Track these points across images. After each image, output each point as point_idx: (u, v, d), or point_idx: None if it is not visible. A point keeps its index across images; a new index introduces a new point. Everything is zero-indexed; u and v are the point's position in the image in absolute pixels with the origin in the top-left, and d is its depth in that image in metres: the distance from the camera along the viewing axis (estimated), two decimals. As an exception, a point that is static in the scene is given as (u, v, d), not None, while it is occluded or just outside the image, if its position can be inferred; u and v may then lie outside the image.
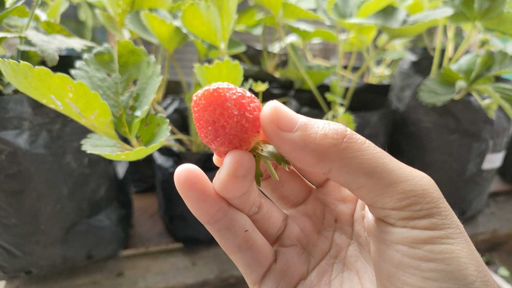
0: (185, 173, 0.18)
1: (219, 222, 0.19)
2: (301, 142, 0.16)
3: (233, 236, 0.20)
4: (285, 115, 0.17)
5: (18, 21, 0.48)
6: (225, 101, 0.16)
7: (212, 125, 0.16)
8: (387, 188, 0.16)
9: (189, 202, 0.19)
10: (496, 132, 0.60)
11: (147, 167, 0.67)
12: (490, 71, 0.54)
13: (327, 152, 0.16)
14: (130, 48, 0.39)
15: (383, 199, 0.17)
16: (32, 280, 0.48)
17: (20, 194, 0.41)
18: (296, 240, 0.23)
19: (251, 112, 0.17)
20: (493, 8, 0.53)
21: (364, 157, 0.16)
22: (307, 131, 0.17)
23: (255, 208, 0.22)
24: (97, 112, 0.34)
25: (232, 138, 0.17)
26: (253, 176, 0.17)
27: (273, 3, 0.53)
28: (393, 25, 0.54)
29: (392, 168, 0.17)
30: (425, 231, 0.16)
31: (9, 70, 0.30)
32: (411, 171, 0.17)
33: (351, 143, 0.17)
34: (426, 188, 0.17)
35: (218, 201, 0.19)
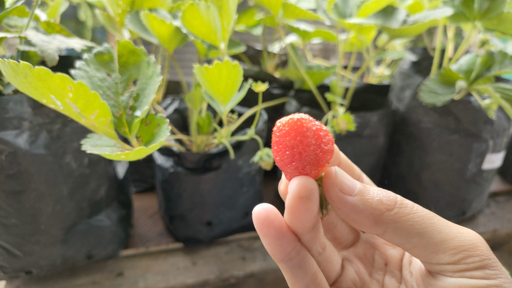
0: (264, 212, 0.20)
1: (293, 260, 0.21)
2: (360, 206, 0.19)
3: (304, 275, 0.21)
4: (346, 180, 0.19)
5: (18, 21, 0.48)
6: (306, 130, 0.18)
7: (290, 150, 0.18)
8: (439, 245, 0.18)
9: (267, 240, 0.20)
10: (496, 132, 0.60)
11: (147, 167, 0.67)
12: (490, 71, 0.54)
13: (382, 216, 0.19)
14: (130, 48, 0.39)
15: (437, 256, 0.19)
16: (32, 280, 0.48)
17: (20, 194, 0.41)
18: (351, 283, 0.24)
19: (326, 144, 0.19)
20: (493, 8, 0.53)
21: (415, 219, 0.19)
22: (365, 196, 0.19)
23: (320, 249, 0.23)
24: (97, 112, 0.34)
25: (305, 165, 0.19)
26: (317, 199, 0.19)
27: (273, 3, 0.53)
28: (393, 25, 0.54)
29: (441, 227, 0.19)
30: (480, 280, 0.18)
31: (9, 70, 0.30)
32: (458, 228, 0.19)
33: (402, 207, 0.19)
34: (475, 243, 0.19)
35: (293, 239, 0.21)
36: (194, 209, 0.52)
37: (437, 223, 0.19)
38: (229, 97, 0.41)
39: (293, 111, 0.60)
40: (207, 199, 0.51)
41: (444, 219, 0.19)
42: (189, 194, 0.51)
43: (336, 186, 0.19)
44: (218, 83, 0.39)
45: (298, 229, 0.20)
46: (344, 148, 0.58)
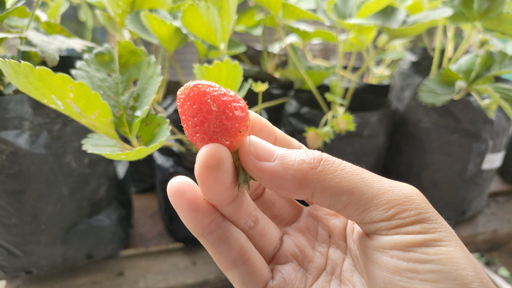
0: (177, 184, 0.18)
1: (213, 234, 0.19)
2: (280, 170, 0.17)
3: (228, 249, 0.19)
4: (263, 147, 0.18)
5: (18, 21, 0.48)
6: (204, 96, 0.16)
7: (192, 119, 0.17)
8: (370, 201, 0.17)
9: (181, 213, 0.19)
10: (496, 132, 0.60)
11: (147, 167, 0.67)
12: (489, 71, 0.54)
13: (306, 176, 0.17)
14: (130, 48, 0.39)
15: (369, 213, 0.17)
16: (32, 279, 0.49)
17: (20, 194, 0.41)
18: (292, 257, 0.23)
19: (232, 110, 0.17)
20: (492, 8, 0.53)
21: (342, 175, 0.17)
22: (285, 159, 0.17)
23: (251, 222, 0.21)
24: (98, 112, 0.34)
25: (212, 135, 0.17)
26: (228, 169, 0.17)
27: (272, 4, 0.53)
28: (392, 26, 0.54)
29: (371, 182, 0.17)
30: (417, 235, 0.17)
31: (10, 70, 0.30)
32: (392, 183, 0.18)
33: (327, 165, 0.17)
34: (409, 196, 0.17)
35: (210, 211, 0.19)
36: (194, 209, 0.52)
37: (368, 178, 0.17)
38: (229, 97, 0.41)
39: (293, 111, 0.60)
40: (207, 199, 0.51)
41: (376, 175, 0.18)
42: (189, 194, 0.51)
43: (251, 154, 0.17)
44: (218, 83, 0.39)
45: (214, 201, 0.19)
46: (343, 148, 0.58)
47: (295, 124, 0.60)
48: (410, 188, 0.18)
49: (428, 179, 0.63)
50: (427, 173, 0.63)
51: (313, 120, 0.57)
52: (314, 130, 0.49)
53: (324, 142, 0.54)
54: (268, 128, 0.21)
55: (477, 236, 0.65)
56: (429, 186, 0.63)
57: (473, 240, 0.66)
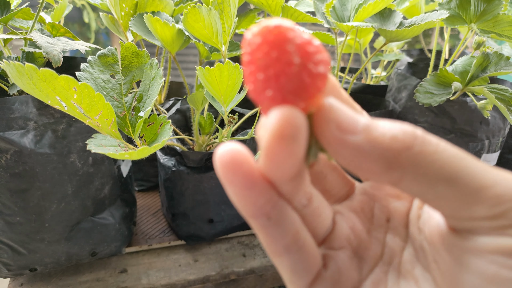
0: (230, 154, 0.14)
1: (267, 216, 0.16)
2: (367, 146, 0.13)
3: (282, 234, 0.16)
4: (346, 114, 0.14)
5: (23, 23, 0.49)
6: (286, 43, 0.12)
7: (264, 71, 0.13)
8: (474, 195, 0.13)
9: (233, 189, 0.15)
10: (492, 132, 0.61)
11: (150, 166, 0.68)
12: (485, 72, 0.55)
13: (399, 158, 0.13)
14: (133, 50, 0.40)
15: (470, 209, 0.14)
16: (36, 277, 0.49)
17: (25, 192, 0.42)
18: (346, 241, 0.19)
19: (317, 64, 0.13)
20: (488, 10, 0.54)
21: (443, 160, 0.13)
22: (373, 132, 0.14)
23: (305, 200, 0.18)
24: (101, 113, 0.34)
25: (287, 94, 0.13)
26: (304, 141, 0.13)
27: (272, 7, 0.54)
28: (390, 28, 0.55)
29: (477, 171, 0.14)
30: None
31: (15, 71, 0.31)
32: (499, 173, 0.14)
33: (425, 145, 0.14)
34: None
35: (267, 189, 0.15)
36: (196, 207, 0.53)
37: (472, 165, 0.14)
38: (230, 98, 0.42)
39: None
40: (209, 197, 0.52)
41: (480, 162, 0.14)
42: (191, 192, 0.52)
43: (332, 122, 0.14)
44: (220, 84, 0.40)
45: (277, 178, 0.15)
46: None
47: (294, 124, 0.60)
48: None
49: (425, 178, 0.64)
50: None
51: (312, 120, 0.58)
52: (313, 130, 0.50)
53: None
54: (337, 89, 0.17)
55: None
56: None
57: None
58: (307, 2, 0.68)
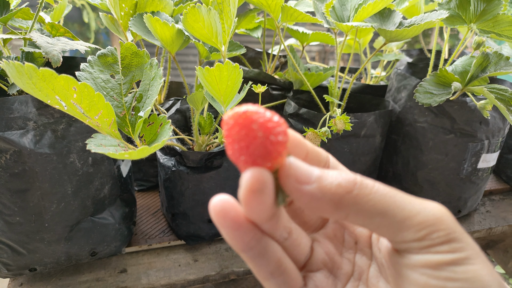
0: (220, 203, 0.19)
1: (254, 250, 0.20)
2: (318, 193, 0.18)
3: (267, 263, 0.20)
4: (302, 169, 0.18)
5: (22, 23, 0.49)
6: (251, 123, 0.17)
7: (238, 143, 0.18)
8: (402, 223, 0.18)
9: (224, 231, 0.20)
10: (492, 132, 0.61)
11: (149, 166, 0.68)
12: (485, 72, 0.55)
13: (342, 200, 0.18)
14: (133, 50, 0.40)
15: (401, 234, 0.18)
16: (36, 277, 0.49)
17: (24, 192, 0.42)
18: (322, 264, 0.24)
19: (276, 135, 0.18)
20: (488, 10, 0.54)
21: (376, 199, 0.18)
22: (323, 182, 0.18)
23: (286, 234, 0.22)
24: (101, 113, 0.34)
25: (255, 158, 0.18)
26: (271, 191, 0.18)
27: (272, 7, 0.54)
28: (389, 28, 0.55)
29: (403, 205, 0.18)
30: (446, 254, 0.17)
31: (14, 71, 0.30)
32: (422, 203, 0.19)
33: (362, 189, 0.18)
34: (439, 217, 0.18)
35: (251, 229, 0.20)
36: (196, 207, 0.53)
37: (400, 200, 0.18)
38: (230, 98, 0.42)
39: (292, 111, 0.61)
40: (209, 197, 0.52)
41: (407, 195, 0.19)
42: (191, 192, 0.52)
43: (291, 177, 0.18)
44: (219, 84, 0.40)
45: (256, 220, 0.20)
46: (341, 147, 0.59)
47: (294, 124, 0.60)
48: (439, 209, 0.19)
49: (424, 178, 0.64)
50: (424, 172, 0.64)
51: (312, 121, 0.58)
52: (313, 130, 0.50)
53: (322, 142, 0.55)
54: (301, 144, 0.21)
55: (472, 234, 0.66)
56: (425, 185, 0.64)
57: (469, 238, 0.66)
58: (306, 2, 0.68)
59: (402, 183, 0.67)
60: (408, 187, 0.66)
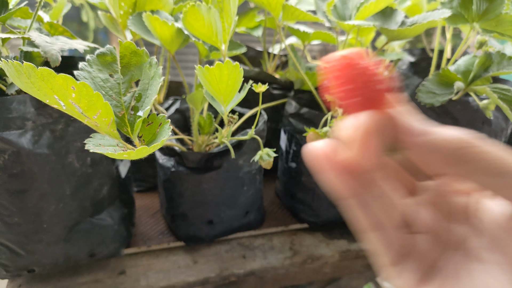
0: (322, 148, 0.18)
1: (364, 195, 0.19)
2: (436, 145, 0.17)
3: (370, 213, 0.19)
4: (417, 121, 0.17)
5: (21, 22, 0.49)
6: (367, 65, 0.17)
7: (353, 84, 0.17)
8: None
9: (331, 174, 0.18)
10: (494, 133, 0.60)
11: (149, 167, 0.67)
12: (488, 72, 0.54)
13: (465, 153, 0.16)
14: (132, 49, 0.40)
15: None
16: (34, 278, 0.49)
17: (23, 193, 0.41)
18: (424, 228, 0.23)
19: (388, 82, 0.17)
20: (491, 9, 0.54)
21: (504, 156, 0.16)
22: (440, 134, 0.17)
23: (391, 190, 0.21)
24: (100, 112, 0.34)
25: (371, 101, 0.17)
26: (388, 136, 0.17)
27: (273, 5, 0.53)
28: (391, 27, 0.54)
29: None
30: None
31: (13, 70, 0.30)
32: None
33: (484, 144, 0.16)
34: None
35: (357, 176, 0.19)
36: (196, 208, 0.53)
37: None
38: (230, 97, 0.42)
39: (293, 111, 0.60)
40: (209, 198, 0.52)
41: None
42: (190, 193, 0.51)
43: (405, 127, 0.17)
44: (219, 83, 0.40)
45: (365, 165, 0.18)
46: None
47: (295, 124, 0.60)
48: None
49: (427, 179, 0.63)
50: (426, 173, 0.63)
51: (313, 120, 0.57)
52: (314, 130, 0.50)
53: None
54: None
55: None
56: (428, 186, 0.64)
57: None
58: (308, 1, 0.68)
59: (404, 183, 0.67)
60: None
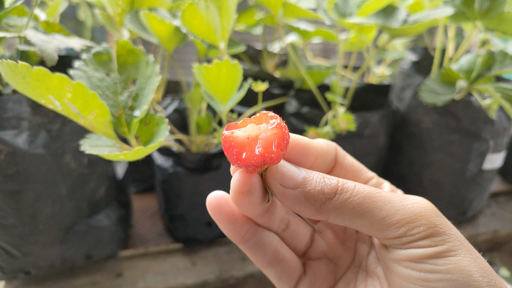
0: (215, 199, 0.21)
1: (250, 241, 0.22)
2: (301, 198, 0.19)
3: (263, 253, 0.22)
4: (288, 174, 0.19)
5: (17, 20, 0.48)
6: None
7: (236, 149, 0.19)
8: (381, 222, 0.19)
9: (221, 225, 0.21)
10: (497, 132, 0.60)
11: (147, 167, 0.67)
12: (490, 71, 0.54)
13: (323, 206, 0.19)
14: (128, 47, 0.39)
15: (382, 233, 0.19)
16: (31, 280, 0.48)
17: (19, 194, 0.41)
18: (322, 253, 0.25)
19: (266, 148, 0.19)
20: (493, 7, 0.53)
21: (355, 202, 0.19)
22: (306, 187, 0.19)
23: (283, 225, 0.24)
24: (96, 112, 0.33)
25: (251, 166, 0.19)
26: (259, 193, 0.19)
27: (273, 3, 0.52)
28: (393, 25, 0.54)
29: (382, 204, 0.19)
30: (428, 248, 0.18)
31: (7, 70, 0.30)
32: (402, 201, 0.19)
33: (342, 194, 0.19)
34: (418, 213, 0.19)
35: (246, 222, 0.22)
36: (194, 209, 0.52)
37: (379, 200, 0.19)
38: (229, 96, 0.41)
39: (293, 111, 0.60)
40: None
41: (388, 193, 0.19)
42: (189, 194, 0.51)
43: (276, 180, 0.19)
44: (218, 82, 0.39)
45: (249, 216, 0.21)
46: (344, 147, 0.58)
47: (295, 124, 0.59)
48: (420, 204, 0.19)
49: (429, 178, 0.63)
50: (428, 173, 0.63)
51: (314, 120, 0.57)
52: (315, 130, 0.49)
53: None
54: (307, 150, 0.22)
55: (477, 236, 0.65)
56: (429, 186, 0.63)
57: (474, 240, 0.65)
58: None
59: (406, 184, 0.66)
60: (412, 188, 0.65)
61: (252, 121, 0.19)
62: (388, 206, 0.19)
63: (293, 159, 0.21)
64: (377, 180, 0.25)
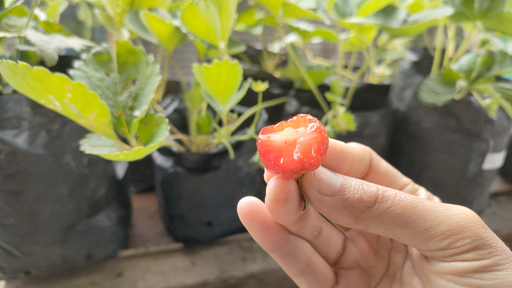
0: (247, 206, 0.20)
1: (282, 250, 0.21)
2: (340, 205, 0.18)
3: (296, 261, 0.22)
4: (325, 181, 0.18)
5: (17, 20, 0.48)
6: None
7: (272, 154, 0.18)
8: (425, 233, 0.18)
9: (253, 232, 0.21)
10: (497, 132, 0.60)
11: (147, 167, 0.67)
12: (490, 71, 0.54)
13: (362, 214, 0.18)
14: (128, 47, 0.39)
15: (425, 244, 0.18)
16: (31, 280, 0.48)
17: (19, 194, 0.41)
18: (354, 262, 0.24)
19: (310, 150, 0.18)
20: (493, 7, 0.53)
21: (396, 212, 0.18)
22: (345, 195, 0.18)
23: (315, 232, 0.23)
24: (96, 112, 0.33)
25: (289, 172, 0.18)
26: (295, 199, 0.18)
27: (272, 3, 0.52)
28: (393, 25, 0.54)
29: (425, 215, 0.18)
30: (473, 262, 0.17)
31: (7, 70, 0.30)
32: (446, 211, 0.18)
33: (382, 203, 0.18)
34: (463, 224, 0.18)
35: (279, 230, 0.21)
36: (194, 209, 0.52)
37: (422, 210, 0.18)
38: (229, 96, 0.41)
39: (293, 111, 0.60)
40: (207, 199, 0.51)
41: (431, 202, 0.18)
42: (189, 194, 0.51)
43: (314, 187, 0.18)
44: (218, 82, 0.39)
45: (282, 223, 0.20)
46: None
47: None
48: (464, 215, 0.18)
49: (429, 178, 0.63)
50: (429, 173, 0.62)
51: (313, 120, 0.57)
52: (314, 130, 0.49)
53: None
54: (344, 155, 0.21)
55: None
56: (430, 186, 0.63)
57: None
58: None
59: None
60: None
61: (289, 124, 0.18)
62: (431, 217, 0.18)
63: (329, 165, 0.20)
64: (412, 186, 0.24)
